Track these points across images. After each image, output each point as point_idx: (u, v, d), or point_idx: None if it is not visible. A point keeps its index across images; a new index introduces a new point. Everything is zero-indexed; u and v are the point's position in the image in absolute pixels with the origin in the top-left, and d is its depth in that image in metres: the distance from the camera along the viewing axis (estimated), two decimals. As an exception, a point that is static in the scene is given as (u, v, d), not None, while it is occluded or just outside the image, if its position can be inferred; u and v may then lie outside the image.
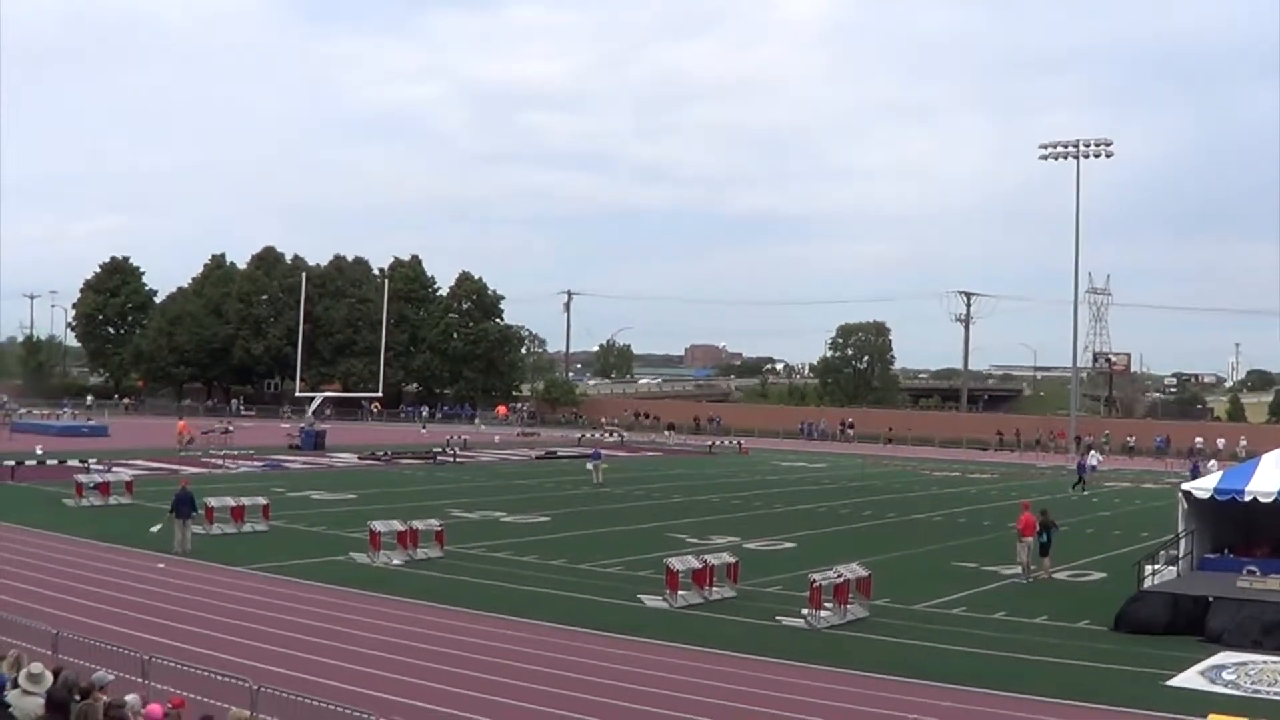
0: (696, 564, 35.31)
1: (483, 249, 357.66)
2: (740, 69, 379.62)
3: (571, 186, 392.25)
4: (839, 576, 32.91)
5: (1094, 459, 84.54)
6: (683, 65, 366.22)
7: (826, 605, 32.18)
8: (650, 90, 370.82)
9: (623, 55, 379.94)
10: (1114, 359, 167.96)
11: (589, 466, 72.58)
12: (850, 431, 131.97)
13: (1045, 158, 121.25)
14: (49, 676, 17.10)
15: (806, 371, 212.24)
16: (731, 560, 36.74)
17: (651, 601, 34.16)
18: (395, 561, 39.71)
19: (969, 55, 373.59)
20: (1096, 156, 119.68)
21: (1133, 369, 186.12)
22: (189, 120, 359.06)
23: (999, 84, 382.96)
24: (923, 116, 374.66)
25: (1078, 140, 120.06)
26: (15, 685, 17.07)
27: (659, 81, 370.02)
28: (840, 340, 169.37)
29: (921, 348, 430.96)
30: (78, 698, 16.28)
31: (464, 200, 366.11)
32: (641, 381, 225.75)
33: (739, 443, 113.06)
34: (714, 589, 34.99)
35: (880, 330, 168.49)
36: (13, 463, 65.70)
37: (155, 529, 42.41)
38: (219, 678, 21.01)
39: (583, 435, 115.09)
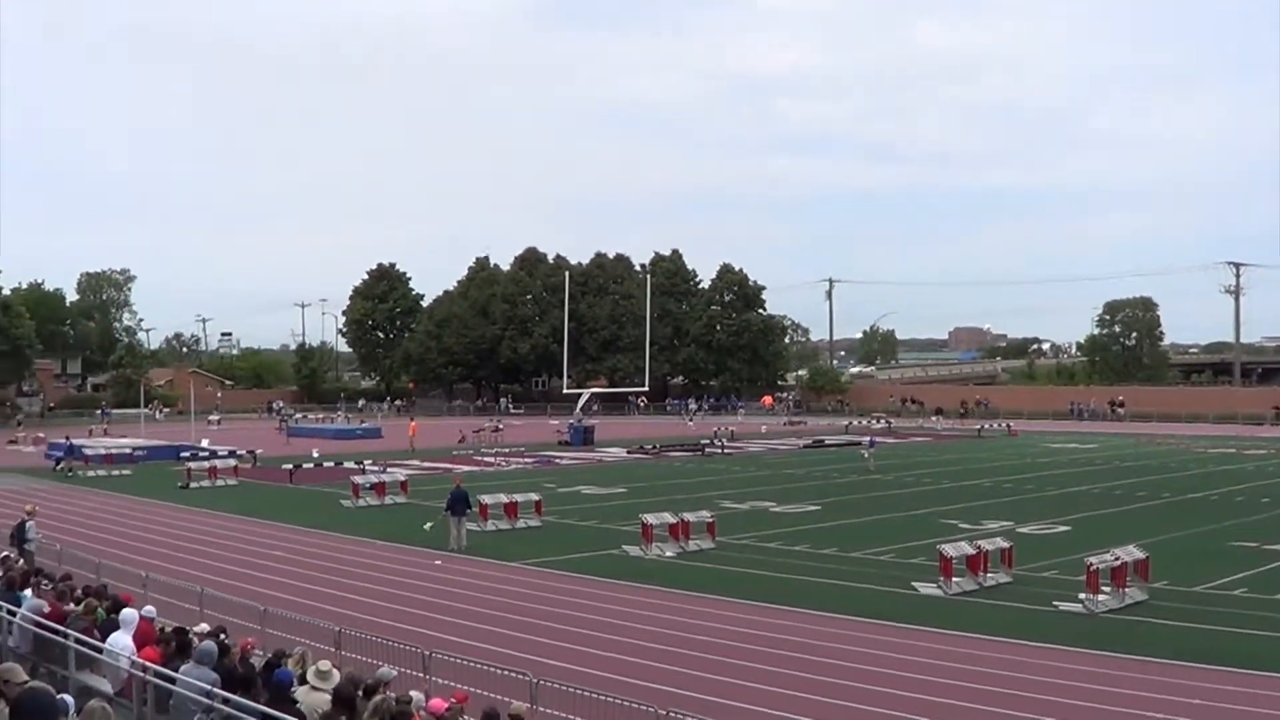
0: (970, 550, 35.06)
1: (743, 239, 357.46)
2: (986, 42, 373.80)
3: (829, 172, 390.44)
4: (1115, 559, 32.42)
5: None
6: (934, 43, 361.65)
7: (1104, 589, 31.73)
8: (906, 71, 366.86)
9: (870, 34, 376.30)
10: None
11: (863, 453, 72.25)
12: (1121, 410, 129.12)
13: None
14: (335, 674, 17.62)
15: (1073, 350, 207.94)
16: (1005, 545, 36.37)
17: (926, 589, 33.99)
18: (668, 554, 39.99)
19: (1227, 14, 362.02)
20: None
21: None
22: (447, 125, 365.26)
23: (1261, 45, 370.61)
24: (1171, 84, 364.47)
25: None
26: (303, 682, 17.62)
27: (912, 62, 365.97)
28: (1107, 317, 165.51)
29: (1191, 322, 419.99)
30: (362, 694, 16.74)
31: (722, 191, 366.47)
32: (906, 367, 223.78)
33: (1007, 425, 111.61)
34: (988, 575, 34.67)
35: (1148, 305, 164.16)
36: (291, 466, 67.73)
37: (428, 526, 43.31)
38: (499, 672, 21.39)
39: (849, 423, 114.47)
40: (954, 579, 33.93)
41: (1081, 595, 31.58)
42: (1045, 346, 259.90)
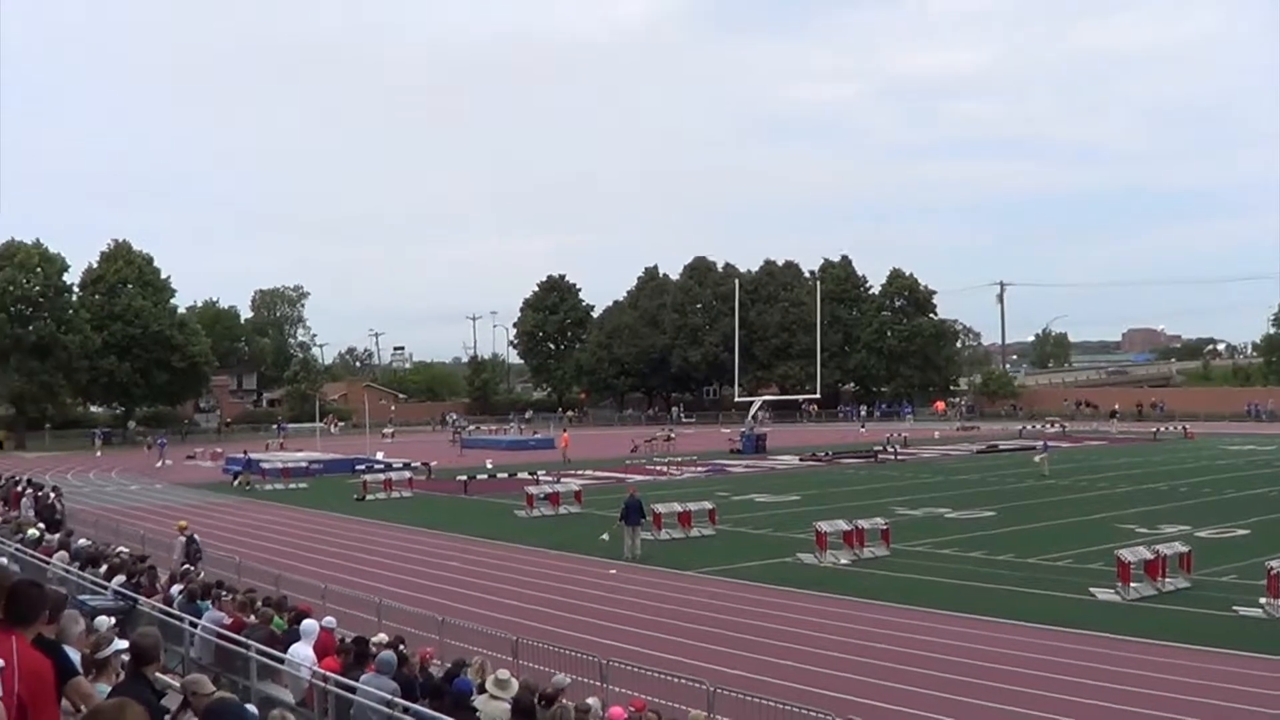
0: (1148, 554, 34.52)
1: (912, 244, 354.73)
2: (1167, 40, 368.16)
3: (997, 175, 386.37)
4: (1297, 563, 31.72)
5: None
6: (1105, 42, 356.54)
7: (1286, 593, 31.07)
8: (1073, 70, 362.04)
9: (1043, 37, 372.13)
10: None
11: (1036, 459, 71.42)
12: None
13: None
14: (514, 682, 17.70)
15: (1250, 351, 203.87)
16: (1183, 549, 35.76)
17: (1103, 594, 33.51)
18: (842, 561, 39.81)
19: None
20: None
21: None
22: (614, 136, 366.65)
23: None
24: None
25: None
26: (482, 690, 17.72)
27: (1081, 61, 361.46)
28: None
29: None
30: (542, 702, 16.80)
31: (890, 196, 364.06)
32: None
33: (1184, 428, 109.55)
34: (1167, 580, 34.12)
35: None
36: (465, 477, 68.27)
37: (604, 537, 43.42)
38: (676, 680, 21.41)
39: (1023, 427, 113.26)
40: (1132, 584, 33.44)
41: (1262, 600, 31.03)
42: (1220, 347, 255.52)
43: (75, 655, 10.05)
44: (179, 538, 37.56)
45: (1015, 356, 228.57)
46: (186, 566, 32.12)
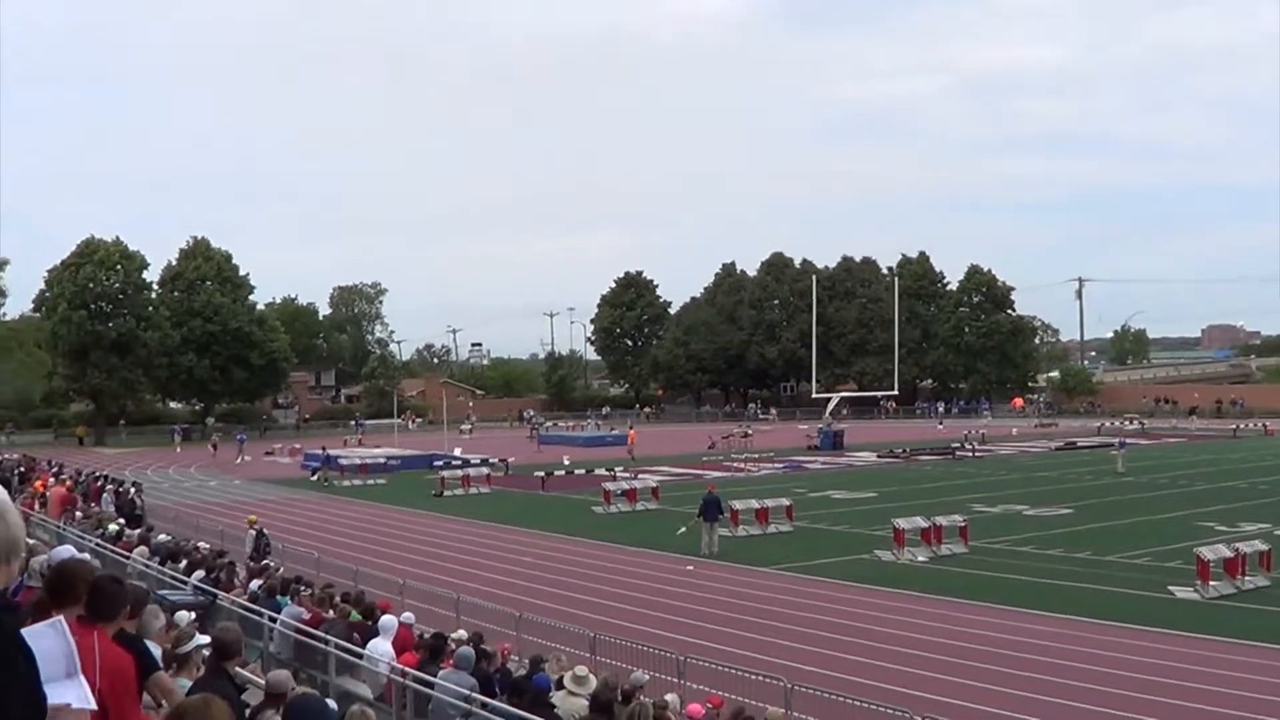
0: (1227, 552, 34.25)
1: (990, 240, 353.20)
2: (1242, 35, 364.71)
3: (1075, 170, 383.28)
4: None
5: None
6: (1178, 36, 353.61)
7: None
8: (1147, 65, 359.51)
9: (1116, 31, 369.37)
10: None
11: (1113, 454, 70.89)
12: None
13: None
14: (592, 679, 17.72)
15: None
16: (1263, 548, 35.48)
17: (1182, 592, 33.28)
18: (920, 558, 39.69)
19: None
20: None
21: None
22: (690, 130, 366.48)
23: None
24: None
25: None
26: (560, 687, 17.75)
27: (1154, 55, 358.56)
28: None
29: None
30: (620, 698, 16.79)
31: (968, 191, 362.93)
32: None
33: (1264, 425, 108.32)
34: (1246, 578, 33.86)
35: None
36: (543, 474, 68.42)
37: (681, 531, 43.40)
38: (753, 677, 21.38)
39: (1101, 424, 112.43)
40: (1211, 582, 33.22)
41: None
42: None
43: (156, 650, 10.12)
44: (250, 531, 37.95)
45: (1094, 353, 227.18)
46: (266, 562, 32.38)
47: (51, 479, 53.15)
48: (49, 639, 4.86)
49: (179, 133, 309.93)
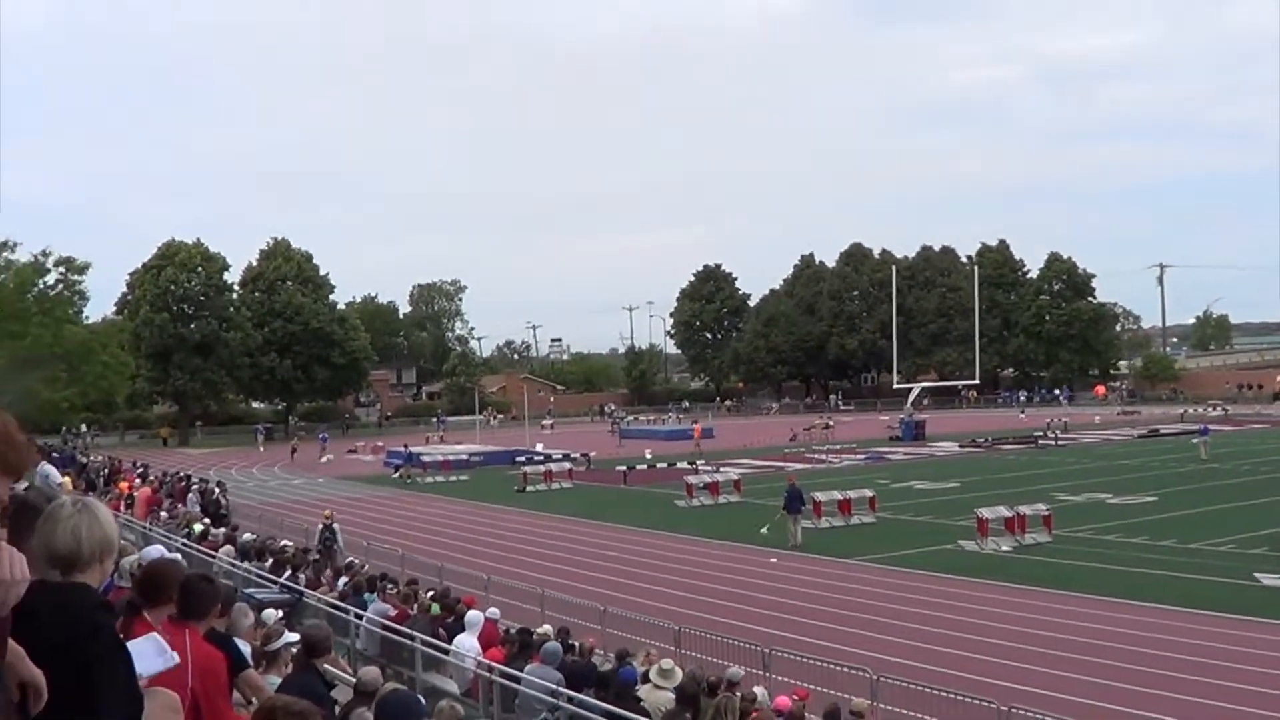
0: (1315, 538, 33.97)
1: (1069, 227, 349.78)
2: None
3: (1155, 156, 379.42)
4: None
5: None
6: (1261, 19, 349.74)
7: None
8: (1228, 50, 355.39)
9: (1196, 16, 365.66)
10: None
11: (1194, 441, 70.32)
12: None
13: None
14: (678, 672, 17.76)
15: None
16: (1351, 534, 35.16)
17: (1269, 580, 33.02)
18: (1004, 548, 39.54)
19: None
20: None
21: None
22: (767, 122, 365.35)
23: None
24: None
25: None
26: (646, 680, 17.79)
27: (1236, 40, 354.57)
28: None
29: None
30: (705, 691, 16.83)
31: (1047, 179, 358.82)
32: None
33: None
34: (1334, 564, 33.57)
35: None
36: (624, 468, 68.49)
37: (764, 530, 43.24)
38: (838, 669, 21.36)
39: (1184, 411, 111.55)
40: (1297, 569, 32.92)
41: None
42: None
43: (246, 648, 10.22)
44: (319, 525, 38.32)
45: (1175, 339, 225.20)
46: (350, 560, 32.57)
47: (137, 479, 53.75)
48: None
49: (257, 133, 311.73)
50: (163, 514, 43.14)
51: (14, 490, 4.07)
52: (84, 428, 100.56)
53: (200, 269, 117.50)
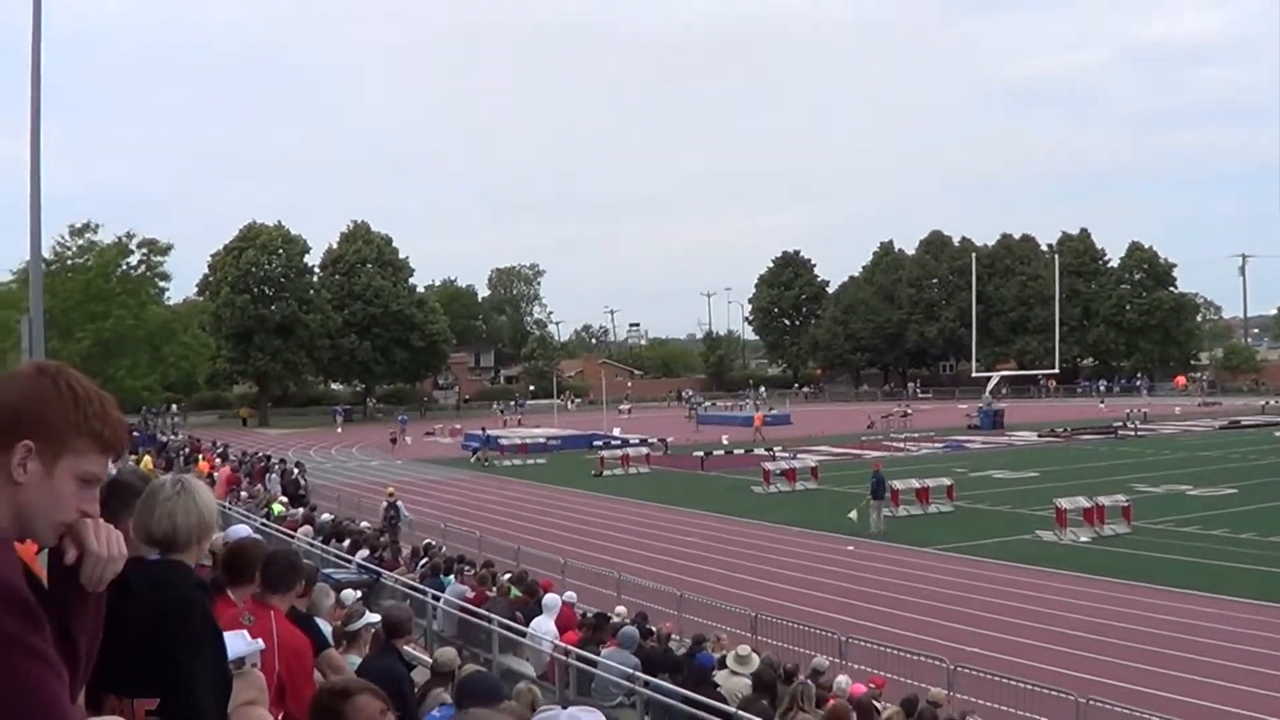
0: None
1: (1151, 215, 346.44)
2: None
3: (1240, 143, 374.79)
4: None
5: None
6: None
7: None
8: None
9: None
10: None
11: (1276, 434, 69.69)
12: None
13: None
14: (755, 658, 17.79)
15: None
16: None
17: (1349, 573, 32.71)
18: (1082, 538, 39.33)
19: None
20: None
21: None
22: (846, 109, 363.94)
23: None
24: None
25: None
26: (723, 666, 17.84)
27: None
28: None
29: None
30: (782, 678, 16.86)
31: (1131, 166, 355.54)
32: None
33: None
34: None
35: None
36: (701, 454, 68.56)
37: (852, 515, 43.10)
38: (915, 658, 21.36)
39: (1266, 403, 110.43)
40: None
41: None
42: None
43: (327, 628, 10.33)
44: (383, 503, 38.63)
45: (1256, 330, 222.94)
46: (428, 541, 32.77)
47: (218, 459, 54.25)
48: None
49: (339, 119, 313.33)
50: (242, 494, 43.57)
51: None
52: (173, 407, 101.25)
53: (281, 251, 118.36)
